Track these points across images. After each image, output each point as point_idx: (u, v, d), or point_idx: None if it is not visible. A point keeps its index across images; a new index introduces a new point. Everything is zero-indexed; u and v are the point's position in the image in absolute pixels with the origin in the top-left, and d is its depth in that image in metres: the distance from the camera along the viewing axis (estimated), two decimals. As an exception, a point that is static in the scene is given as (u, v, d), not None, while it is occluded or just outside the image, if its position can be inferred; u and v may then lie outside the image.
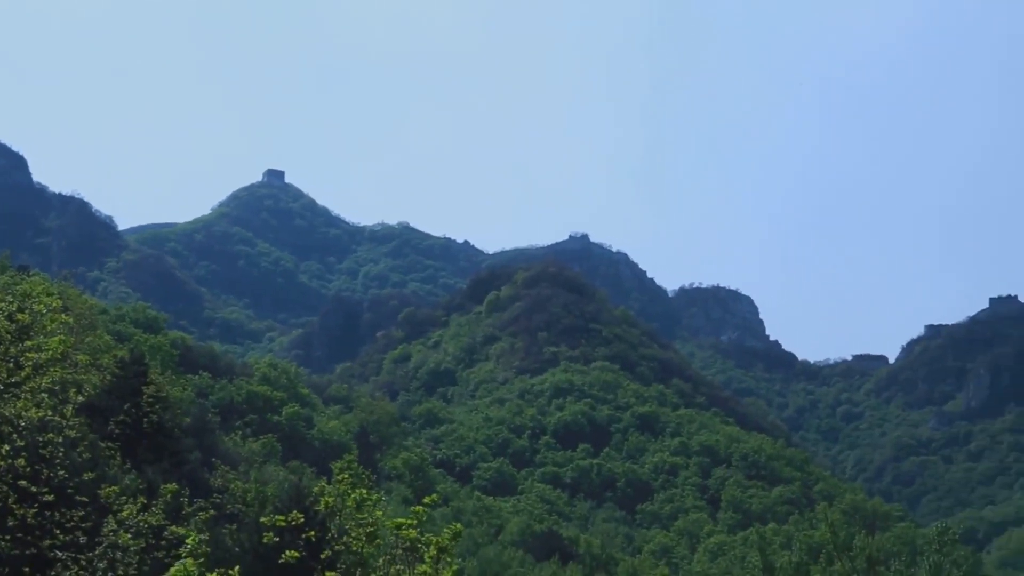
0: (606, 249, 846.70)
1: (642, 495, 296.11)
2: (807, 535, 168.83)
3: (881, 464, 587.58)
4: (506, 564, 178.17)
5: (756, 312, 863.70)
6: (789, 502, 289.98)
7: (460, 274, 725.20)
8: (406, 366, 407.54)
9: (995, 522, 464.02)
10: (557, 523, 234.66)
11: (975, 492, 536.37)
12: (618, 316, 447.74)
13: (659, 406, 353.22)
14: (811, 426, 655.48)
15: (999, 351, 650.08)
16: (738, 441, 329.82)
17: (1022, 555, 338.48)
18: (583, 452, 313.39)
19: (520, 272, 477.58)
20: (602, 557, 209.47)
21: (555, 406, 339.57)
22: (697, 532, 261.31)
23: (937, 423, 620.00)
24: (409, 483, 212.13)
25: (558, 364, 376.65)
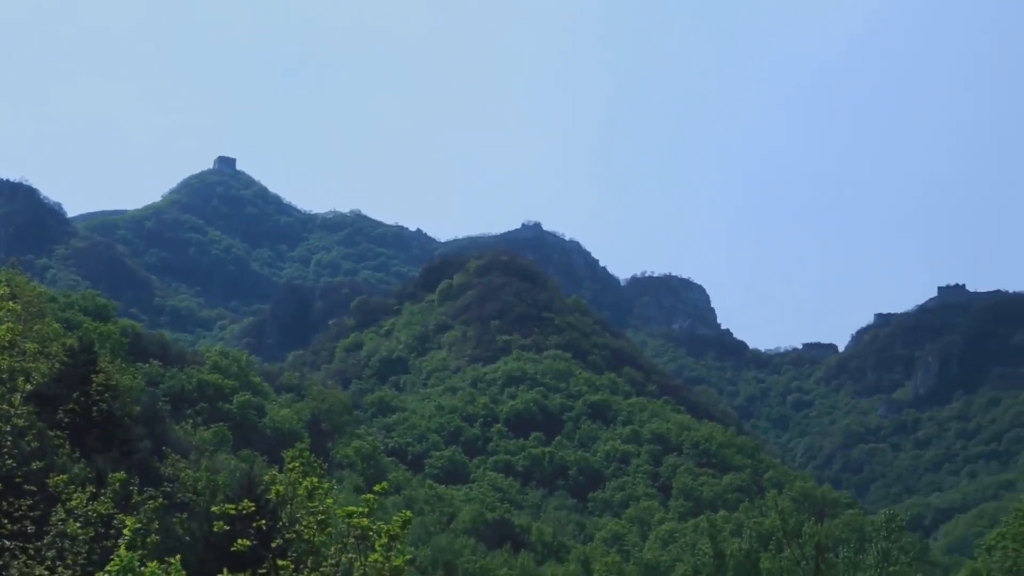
0: (559, 238, 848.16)
1: (594, 483, 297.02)
2: (757, 522, 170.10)
3: (830, 452, 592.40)
4: (458, 552, 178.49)
5: (707, 301, 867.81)
6: (739, 490, 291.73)
7: (413, 262, 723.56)
8: (358, 354, 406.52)
9: (942, 509, 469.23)
10: (509, 511, 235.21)
11: (922, 479, 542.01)
12: (570, 305, 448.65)
13: (611, 394, 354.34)
14: (761, 414, 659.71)
15: (947, 339, 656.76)
16: (689, 429, 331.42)
17: (968, 541, 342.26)
18: (535, 440, 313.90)
19: (473, 260, 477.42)
20: (554, 545, 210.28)
21: (507, 395, 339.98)
22: (648, 520, 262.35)
23: (886, 411, 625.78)
24: (361, 471, 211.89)
25: (510, 353, 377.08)
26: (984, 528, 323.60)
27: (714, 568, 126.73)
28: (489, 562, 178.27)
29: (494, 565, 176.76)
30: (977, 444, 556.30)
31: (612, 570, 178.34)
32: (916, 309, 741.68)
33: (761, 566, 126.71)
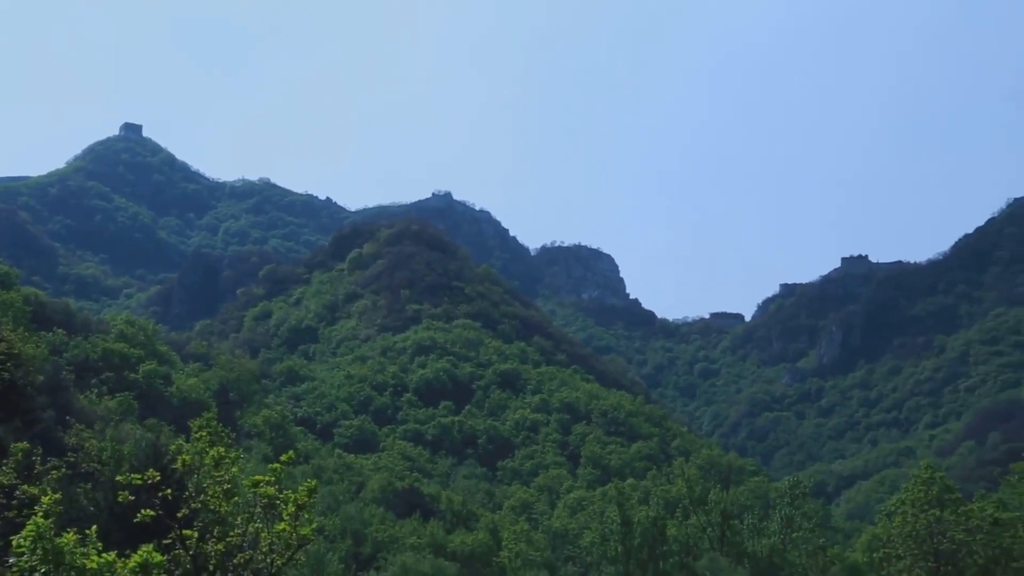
0: (469, 207, 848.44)
1: (503, 452, 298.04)
2: (664, 490, 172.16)
3: (736, 420, 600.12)
4: (367, 521, 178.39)
5: (617, 271, 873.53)
6: (647, 458, 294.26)
7: (322, 231, 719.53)
8: (267, 323, 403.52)
9: (844, 475, 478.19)
10: (418, 480, 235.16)
11: (825, 446, 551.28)
12: (480, 274, 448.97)
13: (520, 363, 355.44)
14: (669, 383, 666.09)
15: (850, 309, 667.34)
16: (598, 398, 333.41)
17: (869, 507, 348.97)
18: (445, 409, 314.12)
19: (383, 230, 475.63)
20: (463, 513, 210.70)
21: (417, 363, 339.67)
22: (557, 488, 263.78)
23: (790, 379, 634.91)
24: (269, 441, 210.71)
25: (420, 322, 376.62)
26: (885, 494, 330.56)
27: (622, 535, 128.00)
28: (398, 531, 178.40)
29: (403, 534, 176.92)
30: (878, 412, 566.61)
31: (521, 538, 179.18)
32: (820, 279, 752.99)
33: (668, 533, 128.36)
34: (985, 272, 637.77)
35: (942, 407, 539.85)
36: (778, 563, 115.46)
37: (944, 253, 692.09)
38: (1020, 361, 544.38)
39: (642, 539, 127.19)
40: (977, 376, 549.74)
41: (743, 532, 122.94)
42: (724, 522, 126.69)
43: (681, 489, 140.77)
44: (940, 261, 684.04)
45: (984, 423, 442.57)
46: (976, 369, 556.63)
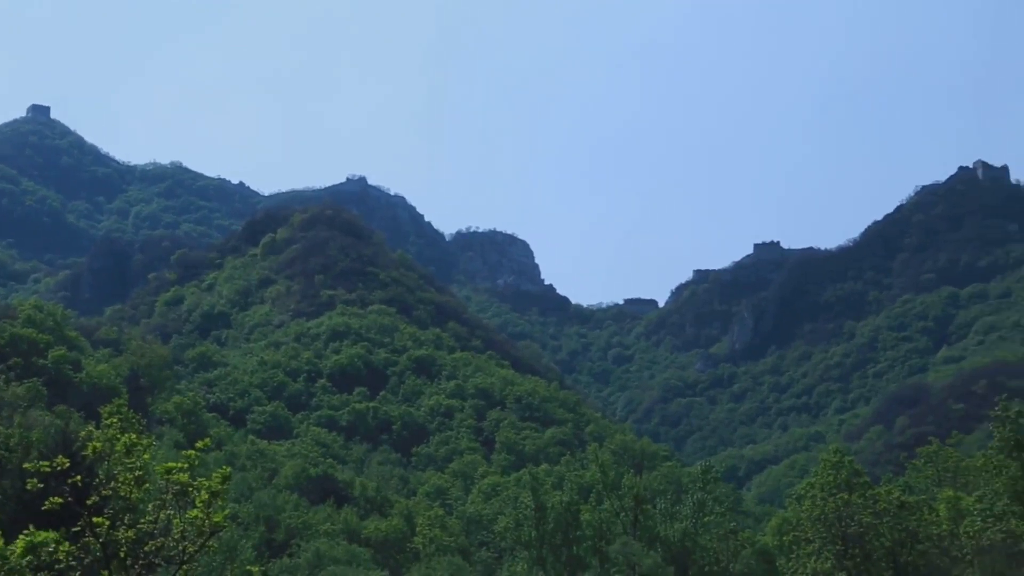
0: (384, 192, 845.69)
1: (418, 438, 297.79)
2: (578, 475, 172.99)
3: (649, 405, 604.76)
4: (280, 507, 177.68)
5: (532, 257, 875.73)
6: (561, 443, 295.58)
7: (235, 216, 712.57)
8: (179, 309, 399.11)
9: (755, 460, 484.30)
10: (332, 466, 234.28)
11: (737, 432, 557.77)
12: (395, 259, 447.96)
13: (435, 349, 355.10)
14: (584, 368, 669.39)
15: (762, 295, 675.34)
16: (513, 384, 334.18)
17: (779, 491, 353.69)
18: (359, 395, 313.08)
19: (297, 214, 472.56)
20: (377, 499, 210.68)
21: (331, 349, 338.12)
22: (471, 473, 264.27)
23: (703, 365, 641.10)
24: (181, 427, 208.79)
25: (335, 307, 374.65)
26: (795, 478, 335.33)
27: (536, 521, 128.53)
28: (312, 517, 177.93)
29: (317, 520, 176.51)
30: (789, 397, 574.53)
31: (435, 524, 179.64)
32: (733, 265, 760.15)
33: (582, 518, 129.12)
34: (893, 259, 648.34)
35: (851, 392, 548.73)
36: (690, 547, 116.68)
37: (854, 240, 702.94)
38: (927, 347, 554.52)
39: (556, 524, 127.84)
40: (885, 362, 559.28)
41: (656, 517, 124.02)
42: (637, 507, 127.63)
43: (595, 474, 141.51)
44: (850, 248, 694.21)
45: (891, 408, 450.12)
46: (884, 355, 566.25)
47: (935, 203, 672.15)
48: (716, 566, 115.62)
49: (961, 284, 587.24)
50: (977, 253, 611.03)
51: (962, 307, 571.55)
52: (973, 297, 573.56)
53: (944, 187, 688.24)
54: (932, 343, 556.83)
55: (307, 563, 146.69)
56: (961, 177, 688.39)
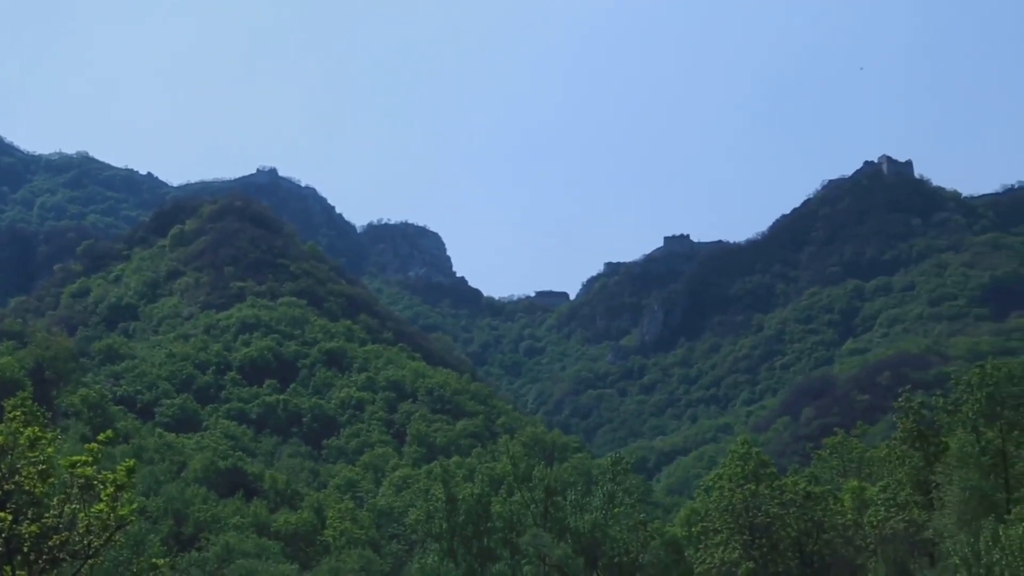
0: (295, 184, 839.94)
1: (328, 430, 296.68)
2: (489, 467, 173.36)
3: (560, 397, 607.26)
4: (189, 501, 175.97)
5: (443, 249, 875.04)
6: (472, 435, 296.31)
7: (143, 207, 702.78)
8: (85, 301, 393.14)
9: (665, 451, 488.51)
10: (242, 459, 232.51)
11: (647, 423, 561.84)
12: (306, 251, 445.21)
13: (346, 342, 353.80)
14: (495, 361, 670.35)
15: (672, 288, 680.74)
16: (424, 376, 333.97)
17: (688, 482, 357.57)
18: (269, 388, 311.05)
19: (206, 205, 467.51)
20: (287, 492, 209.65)
21: (241, 342, 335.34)
22: (382, 466, 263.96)
23: (613, 357, 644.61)
24: (87, 421, 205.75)
25: (245, 299, 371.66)
26: (703, 469, 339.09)
27: (446, 513, 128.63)
28: (221, 510, 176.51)
29: (226, 513, 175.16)
30: (698, 389, 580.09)
31: (345, 516, 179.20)
32: (643, 258, 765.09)
33: (492, 510, 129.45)
34: (800, 252, 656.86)
35: (759, 384, 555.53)
36: (600, 538, 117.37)
37: (762, 233, 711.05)
38: (832, 339, 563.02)
39: (467, 516, 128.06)
40: (792, 354, 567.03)
41: (566, 508, 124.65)
42: (547, 498, 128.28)
43: (506, 466, 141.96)
44: (758, 241, 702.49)
45: (798, 399, 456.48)
46: (791, 347, 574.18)
47: (841, 197, 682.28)
48: (625, 557, 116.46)
49: (866, 277, 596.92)
50: (882, 247, 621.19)
51: (867, 300, 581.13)
52: (878, 290, 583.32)
53: (850, 181, 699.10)
54: (838, 335, 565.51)
55: (216, 557, 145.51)
56: (866, 171, 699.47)
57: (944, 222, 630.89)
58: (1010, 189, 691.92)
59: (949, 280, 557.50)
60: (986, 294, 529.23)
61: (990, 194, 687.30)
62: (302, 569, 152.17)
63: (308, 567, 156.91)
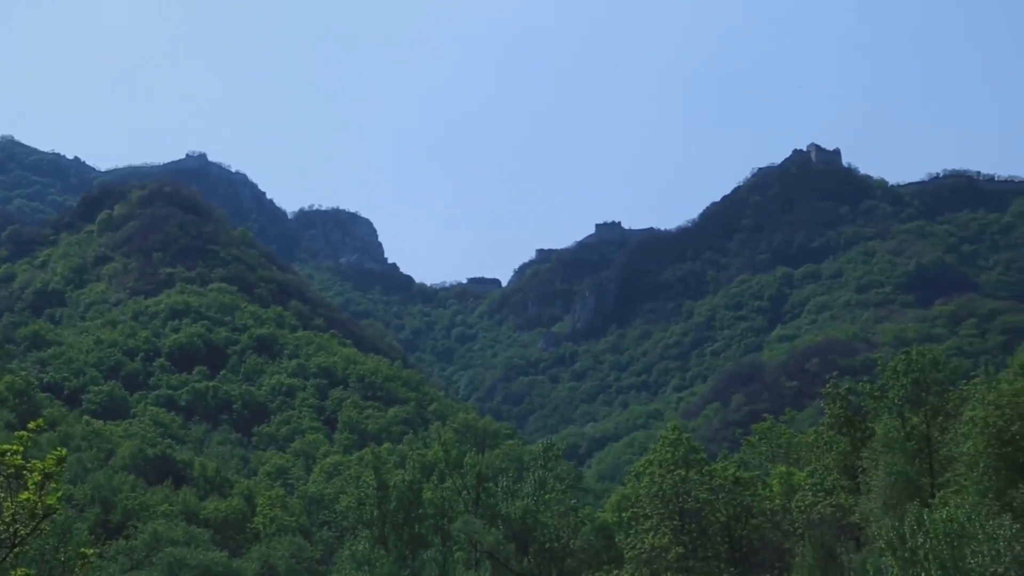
0: (225, 169, 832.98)
1: (259, 417, 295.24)
2: (421, 454, 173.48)
3: (492, 384, 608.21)
4: (117, 489, 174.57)
5: (375, 235, 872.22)
6: (404, 422, 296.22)
7: (70, 191, 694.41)
8: (10, 286, 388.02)
9: (596, 438, 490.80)
10: (171, 447, 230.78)
11: (578, 410, 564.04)
12: (236, 237, 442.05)
13: (277, 328, 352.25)
14: (427, 347, 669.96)
15: (603, 275, 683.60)
16: (355, 363, 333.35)
17: (619, 468, 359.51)
18: (199, 375, 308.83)
19: (135, 191, 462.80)
20: (217, 480, 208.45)
21: (170, 328, 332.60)
22: (313, 453, 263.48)
23: (545, 344, 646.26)
24: (13, 408, 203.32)
25: (174, 285, 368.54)
26: (634, 455, 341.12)
27: (378, 500, 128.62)
28: (149, 498, 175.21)
29: (154, 501, 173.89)
30: (629, 376, 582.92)
31: (276, 504, 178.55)
32: (575, 245, 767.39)
33: (424, 496, 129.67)
34: (731, 239, 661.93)
35: (689, 370, 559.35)
36: (531, 524, 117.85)
37: (693, 221, 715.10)
38: (762, 326, 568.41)
39: (398, 503, 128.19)
40: (722, 340, 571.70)
41: (497, 494, 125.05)
42: (479, 485, 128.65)
43: (437, 453, 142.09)
44: (689, 228, 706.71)
45: (728, 385, 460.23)
46: (721, 333, 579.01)
47: (770, 185, 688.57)
48: (556, 542, 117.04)
49: (795, 264, 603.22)
50: (810, 234, 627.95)
51: (796, 287, 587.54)
52: (806, 277, 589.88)
53: (779, 169, 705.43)
54: (767, 322, 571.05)
55: (144, 545, 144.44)
56: (795, 160, 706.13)
57: (871, 210, 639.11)
58: (936, 177, 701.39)
59: (876, 267, 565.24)
60: (912, 281, 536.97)
61: (916, 182, 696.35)
62: (232, 556, 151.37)
63: (238, 555, 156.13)
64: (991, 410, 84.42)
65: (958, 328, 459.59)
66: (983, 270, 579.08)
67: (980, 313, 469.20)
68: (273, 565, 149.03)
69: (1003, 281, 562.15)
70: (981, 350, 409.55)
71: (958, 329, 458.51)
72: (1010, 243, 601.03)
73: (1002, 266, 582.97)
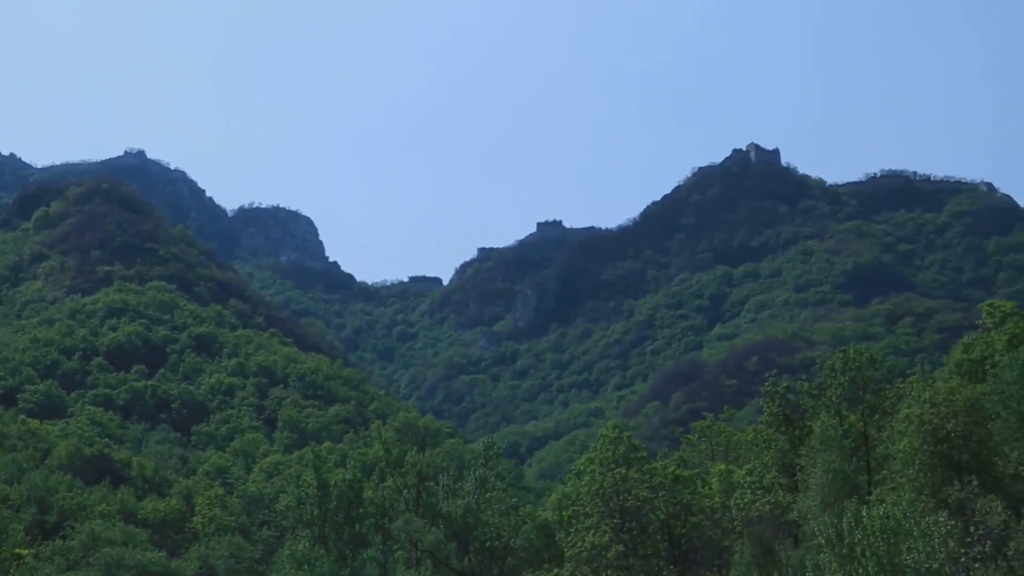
0: (163, 166, 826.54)
1: (198, 416, 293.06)
2: (362, 453, 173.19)
3: (433, 383, 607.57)
4: (53, 489, 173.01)
5: (316, 233, 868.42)
6: (344, 421, 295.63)
7: (6, 188, 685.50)
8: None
9: (536, 436, 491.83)
10: (108, 446, 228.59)
11: (519, 408, 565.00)
12: (175, 235, 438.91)
13: (217, 327, 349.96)
14: (368, 346, 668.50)
15: (545, 274, 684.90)
16: (295, 362, 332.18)
17: (560, 467, 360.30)
18: (137, 374, 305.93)
19: (72, 188, 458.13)
20: (155, 479, 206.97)
21: (108, 327, 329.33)
22: (253, 452, 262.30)
23: (486, 343, 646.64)
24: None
25: (112, 283, 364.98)
26: (575, 454, 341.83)
27: (318, 499, 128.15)
28: (86, 498, 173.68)
29: (91, 501, 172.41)
30: (570, 374, 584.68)
31: (215, 503, 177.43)
32: (517, 244, 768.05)
33: (365, 495, 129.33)
34: (671, 238, 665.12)
35: (630, 369, 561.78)
36: (472, 523, 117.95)
37: (634, 220, 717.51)
38: (702, 324, 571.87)
39: (338, 502, 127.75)
40: (662, 339, 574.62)
41: (438, 493, 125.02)
42: (420, 484, 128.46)
43: (378, 452, 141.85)
44: (630, 228, 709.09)
45: (668, 384, 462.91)
46: (661, 332, 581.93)
47: (711, 184, 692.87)
48: (497, 541, 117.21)
49: (735, 263, 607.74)
50: (750, 233, 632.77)
51: (735, 286, 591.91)
52: (746, 276, 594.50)
53: (719, 169, 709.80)
54: (707, 321, 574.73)
55: (81, 545, 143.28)
56: (735, 159, 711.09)
57: (810, 210, 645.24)
58: (873, 177, 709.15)
59: (814, 267, 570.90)
60: (849, 280, 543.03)
61: (854, 182, 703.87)
62: (170, 557, 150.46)
63: (176, 555, 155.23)
64: (927, 408, 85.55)
65: (895, 327, 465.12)
66: (919, 269, 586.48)
67: (916, 312, 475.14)
68: (212, 565, 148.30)
69: (939, 280, 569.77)
70: (917, 348, 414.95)
71: (895, 328, 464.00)
72: (946, 243, 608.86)
73: (938, 266, 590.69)
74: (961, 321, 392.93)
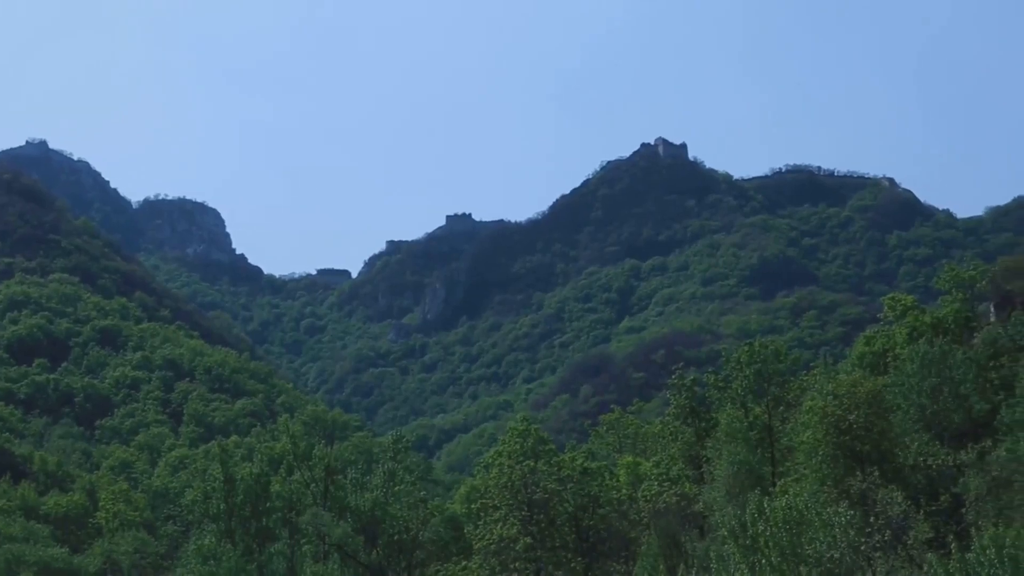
0: (67, 157, 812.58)
1: (102, 410, 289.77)
2: (269, 447, 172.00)
3: (342, 376, 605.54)
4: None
5: (223, 225, 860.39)
6: (252, 414, 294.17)
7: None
8: None
9: (445, 429, 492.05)
10: (9, 440, 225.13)
11: (428, 401, 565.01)
12: (78, 227, 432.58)
13: (121, 320, 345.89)
14: (276, 339, 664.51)
15: (454, 266, 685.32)
16: (202, 355, 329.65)
17: (469, 460, 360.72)
18: (39, 367, 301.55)
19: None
20: (58, 474, 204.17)
21: (9, 319, 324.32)
22: (158, 446, 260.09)
23: (395, 336, 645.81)
24: None
25: (13, 276, 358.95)
26: (483, 447, 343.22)
27: (224, 493, 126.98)
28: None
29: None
30: (479, 367, 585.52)
31: (119, 498, 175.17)
32: (426, 237, 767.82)
33: (272, 489, 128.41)
34: (580, 232, 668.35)
35: (538, 362, 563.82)
36: (380, 516, 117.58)
37: (543, 213, 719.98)
38: (610, 317, 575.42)
39: (245, 496, 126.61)
40: (571, 332, 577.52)
41: (346, 487, 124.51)
42: (328, 477, 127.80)
43: (285, 445, 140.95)
44: (539, 221, 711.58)
45: (576, 377, 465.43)
46: (570, 325, 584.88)
47: (620, 178, 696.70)
48: (406, 534, 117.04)
49: (643, 257, 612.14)
50: (658, 227, 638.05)
51: (643, 279, 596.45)
52: (653, 269, 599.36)
53: (628, 163, 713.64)
54: (615, 314, 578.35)
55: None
56: (643, 153, 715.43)
57: (716, 204, 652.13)
58: (778, 172, 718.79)
59: (721, 260, 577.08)
60: (755, 274, 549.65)
61: (760, 177, 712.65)
62: (73, 553, 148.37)
63: (79, 551, 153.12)
64: (830, 400, 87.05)
65: (799, 320, 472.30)
66: (823, 263, 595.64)
67: (820, 305, 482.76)
68: (116, 561, 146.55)
69: (842, 274, 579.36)
70: (821, 341, 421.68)
71: (799, 321, 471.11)
72: (849, 237, 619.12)
73: (841, 259, 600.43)
74: (863, 314, 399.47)
